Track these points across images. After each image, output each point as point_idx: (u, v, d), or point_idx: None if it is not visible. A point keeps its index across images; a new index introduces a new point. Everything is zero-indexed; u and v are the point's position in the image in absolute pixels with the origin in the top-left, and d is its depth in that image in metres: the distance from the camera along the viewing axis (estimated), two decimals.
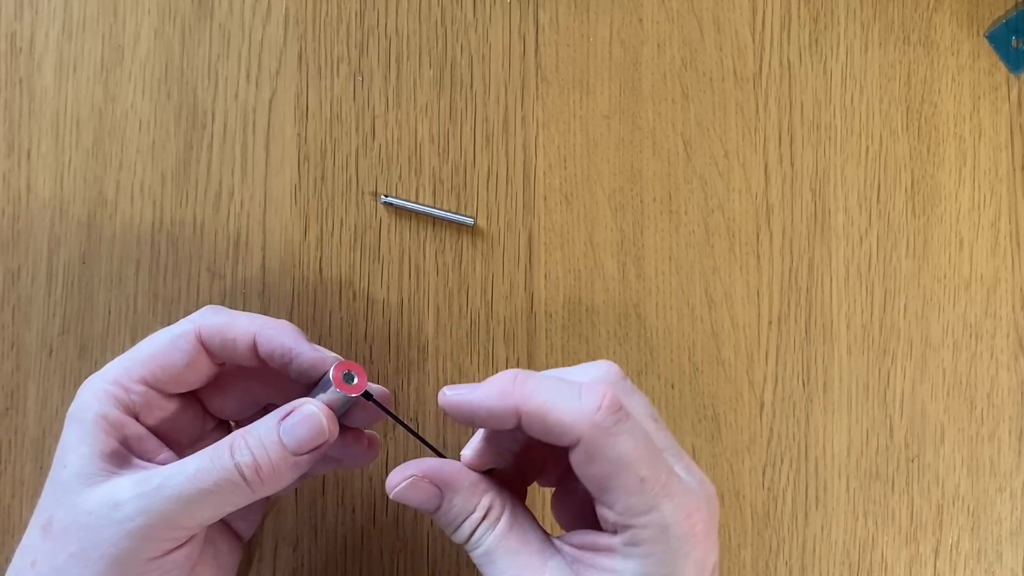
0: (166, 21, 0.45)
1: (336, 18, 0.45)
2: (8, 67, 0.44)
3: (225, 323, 0.35)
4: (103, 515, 0.32)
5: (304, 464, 0.33)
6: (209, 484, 0.32)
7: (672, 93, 0.46)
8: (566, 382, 0.31)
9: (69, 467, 0.33)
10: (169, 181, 0.44)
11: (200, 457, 0.33)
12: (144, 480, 0.32)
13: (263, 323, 0.35)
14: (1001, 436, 0.45)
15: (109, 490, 0.32)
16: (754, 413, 0.45)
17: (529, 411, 0.31)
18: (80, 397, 0.34)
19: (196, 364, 0.35)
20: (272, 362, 0.35)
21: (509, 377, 0.31)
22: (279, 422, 0.33)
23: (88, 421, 0.33)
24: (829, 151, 0.46)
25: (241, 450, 0.32)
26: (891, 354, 0.45)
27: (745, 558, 0.44)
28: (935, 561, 0.45)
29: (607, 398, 0.30)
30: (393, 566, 0.43)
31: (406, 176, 0.45)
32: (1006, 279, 0.46)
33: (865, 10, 0.47)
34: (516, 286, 0.45)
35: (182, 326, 0.35)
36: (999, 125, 0.47)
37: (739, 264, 0.45)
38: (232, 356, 0.35)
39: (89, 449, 0.33)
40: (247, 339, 0.35)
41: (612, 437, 0.30)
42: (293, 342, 0.34)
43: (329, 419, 0.33)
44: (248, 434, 0.33)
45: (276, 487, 0.33)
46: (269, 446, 0.33)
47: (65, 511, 0.32)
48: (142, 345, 0.35)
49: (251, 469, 0.32)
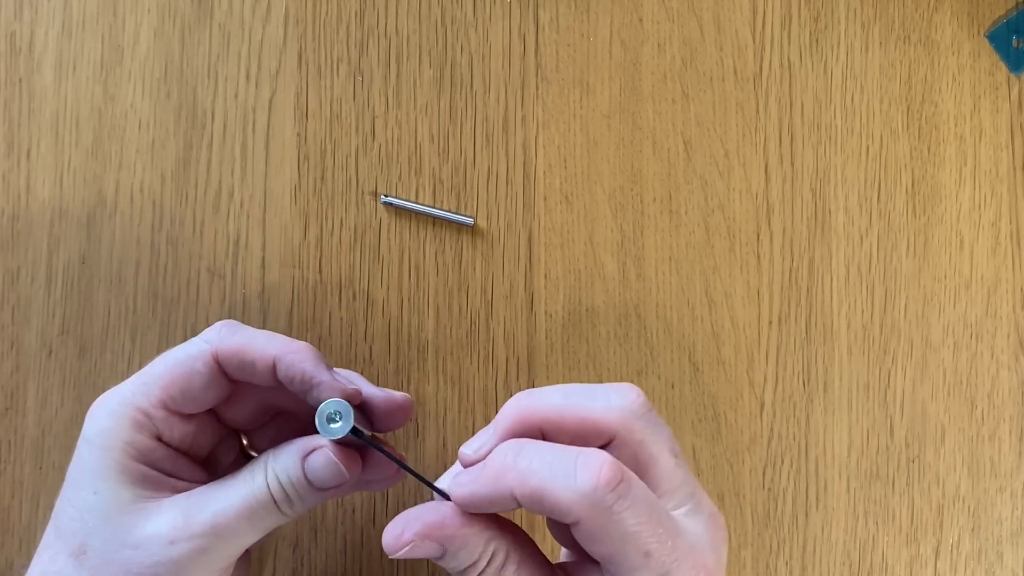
0: (166, 21, 0.45)
1: (336, 18, 0.45)
2: (8, 67, 0.44)
3: (243, 345, 0.34)
4: (154, 551, 0.32)
5: (332, 494, 0.34)
6: (255, 516, 0.33)
7: (672, 93, 0.46)
8: (563, 454, 0.30)
9: (101, 494, 0.32)
10: (169, 181, 0.44)
11: (241, 488, 0.33)
12: (193, 513, 0.33)
13: (282, 347, 0.34)
14: (1002, 436, 0.45)
15: (156, 524, 0.32)
16: (754, 413, 0.45)
17: (525, 495, 0.29)
18: (98, 420, 0.33)
19: (213, 384, 0.34)
20: (291, 387, 0.34)
21: (501, 455, 0.30)
22: (302, 458, 0.34)
23: (115, 449, 0.33)
24: (829, 151, 0.46)
25: (274, 482, 0.33)
26: (891, 354, 0.45)
27: (745, 558, 0.44)
28: (935, 561, 0.44)
29: (604, 473, 0.29)
30: (393, 566, 0.43)
31: (406, 176, 0.45)
32: (1006, 279, 0.46)
33: (865, 10, 0.47)
34: (516, 286, 0.45)
35: (198, 346, 0.34)
36: (999, 125, 0.47)
37: (739, 264, 0.45)
38: (250, 377, 0.35)
39: (121, 476, 0.33)
40: (266, 362, 0.34)
41: (613, 515, 0.29)
42: (314, 369, 0.34)
43: (346, 461, 0.34)
44: (277, 465, 0.34)
45: (306, 511, 0.34)
46: (296, 481, 0.33)
47: (104, 542, 0.32)
48: (157, 365, 0.34)
49: (284, 503, 0.33)
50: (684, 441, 0.44)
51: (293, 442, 0.34)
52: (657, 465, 0.32)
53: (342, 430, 0.33)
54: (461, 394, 0.44)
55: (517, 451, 0.30)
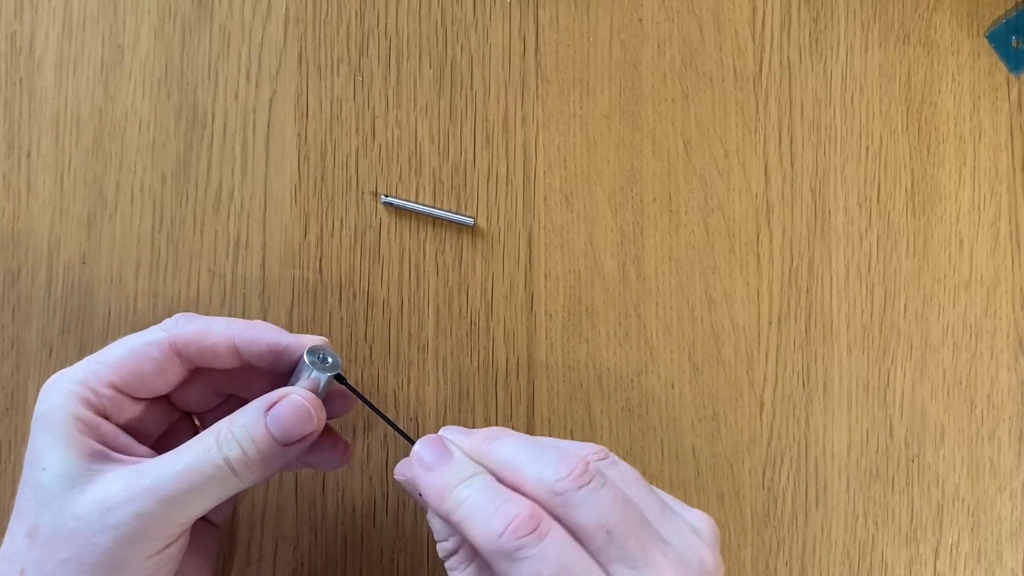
0: (166, 21, 0.45)
1: (336, 18, 0.45)
2: (8, 67, 0.44)
3: (200, 331, 0.35)
4: (95, 520, 0.31)
5: (292, 453, 0.34)
6: (199, 481, 0.32)
7: (672, 93, 0.46)
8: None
9: (49, 470, 0.32)
10: (169, 181, 0.44)
11: (187, 454, 0.33)
12: (133, 480, 0.32)
13: (240, 327, 0.35)
14: (1001, 436, 0.45)
15: (98, 493, 0.32)
16: (754, 413, 0.45)
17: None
18: (48, 398, 0.33)
19: (166, 372, 0.35)
20: (260, 362, 0.35)
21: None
22: (265, 412, 0.33)
23: (62, 423, 0.33)
24: (829, 151, 0.46)
25: (229, 443, 0.33)
26: (891, 354, 0.45)
27: (745, 558, 0.44)
28: (935, 561, 0.45)
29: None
30: (393, 566, 0.43)
31: (406, 176, 0.45)
32: (1006, 279, 0.46)
33: (865, 10, 0.47)
34: (516, 286, 0.45)
35: (154, 334, 0.35)
36: (999, 125, 0.47)
37: (739, 264, 0.45)
38: (211, 362, 0.35)
39: (68, 451, 0.32)
40: (227, 345, 0.35)
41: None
42: (276, 336, 0.35)
43: (315, 406, 0.34)
44: (234, 426, 0.33)
45: (264, 477, 0.34)
46: (257, 437, 0.33)
47: (52, 516, 0.32)
48: (112, 348, 0.35)
49: (240, 463, 0.33)
50: (684, 441, 0.44)
51: (252, 402, 0.34)
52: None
53: (335, 366, 0.34)
54: (461, 394, 0.44)
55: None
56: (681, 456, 0.44)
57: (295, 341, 0.35)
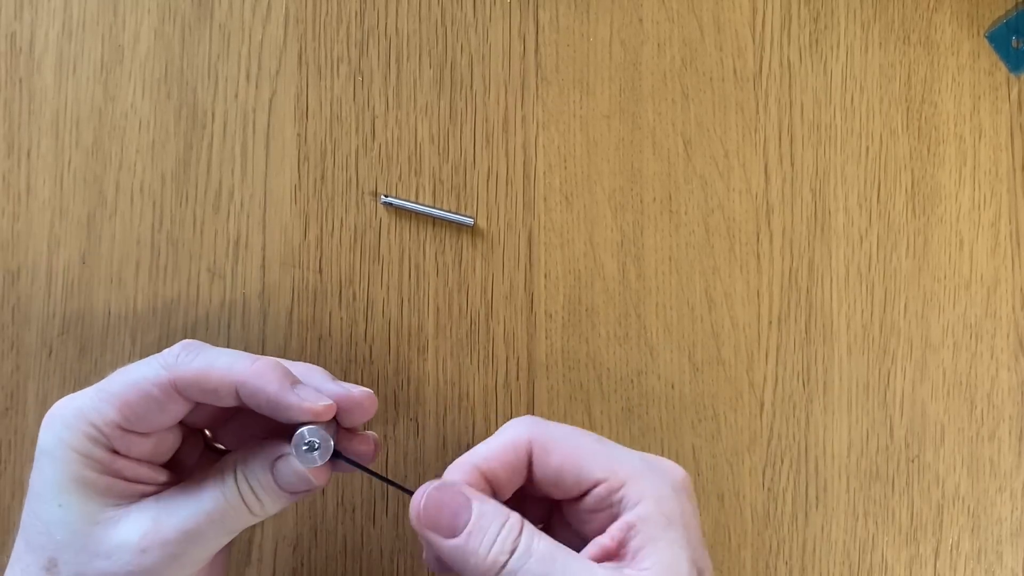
0: (166, 21, 0.45)
1: (336, 18, 0.45)
2: (8, 67, 0.44)
3: (203, 372, 0.33)
4: (126, 559, 0.32)
5: (303, 495, 0.35)
6: (225, 521, 0.34)
7: (672, 93, 0.46)
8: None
9: (66, 507, 0.32)
10: (169, 181, 0.44)
11: (212, 492, 0.34)
12: (162, 519, 0.33)
13: (242, 372, 0.33)
14: (1001, 436, 0.45)
15: (125, 532, 0.32)
16: (754, 413, 0.45)
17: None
18: (54, 432, 0.33)
19: (169, 409, 0.34)
20: (259, 410, 0.34)
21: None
22: (271, 465, 0.34)
23: (74, 461, 0.33)
24: (829, 151, 0.46)
25: (243, 486, 0.34)
26: (891, 354, 0.45)
27: (745, 558, 0.44)
28: (935, 561, 0.45)
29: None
30: (393, 566, 0.43)
31: (406, 176, 0.45)
32: (1006, 279, 0.46)
33: (865, 10, 0.47)
34: (516, 286, 0.45)
35: (155, 371, 0.33)
36: (999, 125, 0.47)
37: (739, 264, 0.45)
38: (214, 401, 0.34)
39: (84, 489, 0.33)
40: (229, 389, 0.33)
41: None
42: (279, 393, 0.33)
43: (315, 472, 0.34)
44: (247, 471, 0.34)
45: (277, 511, 0.35)
46: (266, 486, 0.34)
47: (75, 554, 0.32)
48: (115, 382, 0.34)
49: (255, 505, 0.34)
50: (684, 441, 0.44)
51: (262, 447, 0.34)
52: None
53: (321, 458, 0.33)
54: (461, 394, 0.44)
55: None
56: (681, 456, 0.44)
57: (296, 403, 0.33)
